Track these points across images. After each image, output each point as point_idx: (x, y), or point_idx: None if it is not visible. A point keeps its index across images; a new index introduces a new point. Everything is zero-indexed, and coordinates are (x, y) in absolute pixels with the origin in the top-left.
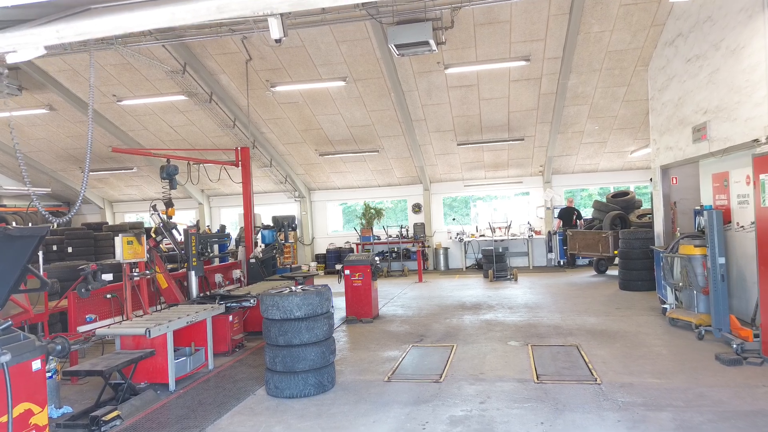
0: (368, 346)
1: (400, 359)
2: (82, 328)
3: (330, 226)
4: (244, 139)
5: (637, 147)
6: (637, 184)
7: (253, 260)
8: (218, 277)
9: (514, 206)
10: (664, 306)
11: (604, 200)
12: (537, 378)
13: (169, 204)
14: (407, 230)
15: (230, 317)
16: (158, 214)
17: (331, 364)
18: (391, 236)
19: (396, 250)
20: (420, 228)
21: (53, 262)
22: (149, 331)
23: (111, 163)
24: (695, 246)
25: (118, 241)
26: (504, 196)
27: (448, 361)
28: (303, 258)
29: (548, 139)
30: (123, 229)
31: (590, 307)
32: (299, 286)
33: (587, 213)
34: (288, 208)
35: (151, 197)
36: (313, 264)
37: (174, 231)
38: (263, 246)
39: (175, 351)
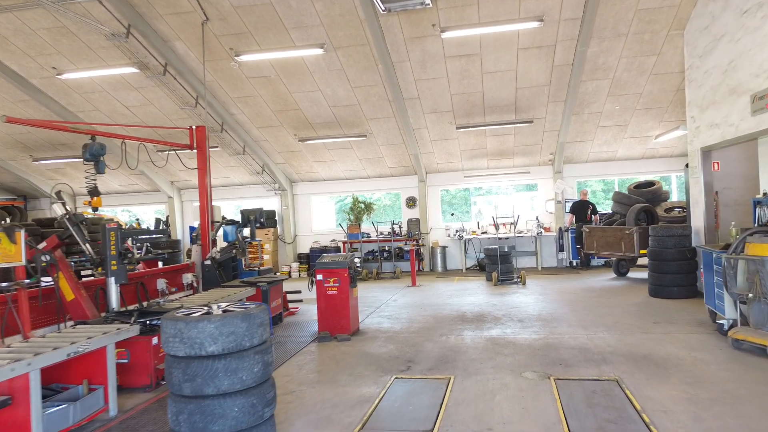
0: (337, 377)
1: (377, 400)
2: None
3: (315, 222)
4: (211, 120)
5: (662, 131)
6: (661, 175)
7: (208, 262)
8: (161, 284)
9: (520, 201)
10: (720, 322)
11: (626, 191)
12: None
13: (94, 192)
14: (400, 226)
15: (154, 339)
16: (62, 204)
17: (267, 420)
18: (382, 233)
19: (387, 249)
20: (414, 224)
21: None
22: None
23: (65, 151)
24: None
25: None
26: (505, 191)
27: (442, 404)
28: (285, 258)
29: (561, 122)
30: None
31: (620, 320)
32: (225, 305)
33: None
34: (268, 202)
35: (116, 190)
36: (295, 264)
37: (82, 225)
38: (226, 244)
39: (59, 392)
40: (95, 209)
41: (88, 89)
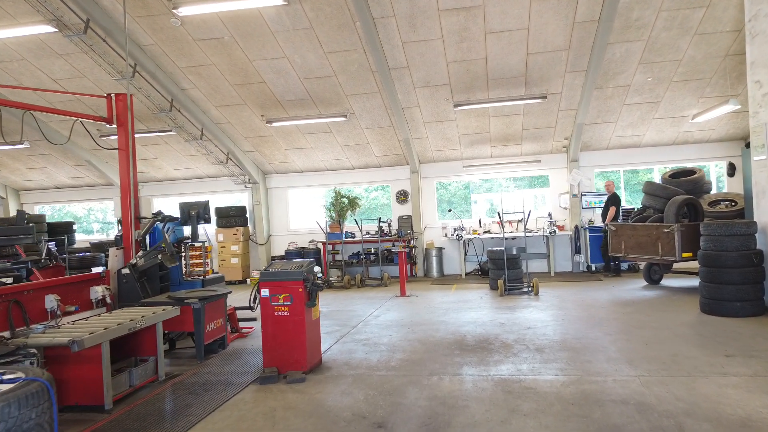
0: None
1: None
2: None
3: (293, 220)
4: (157, 96)
5: (702, 109)
6: (691, 165)
7: (126, 270)
8: (50, 301)
9: (528, 197)
10: None
11: (660, 181)
12: None
13: None
14: (389, 225)
15: None
16: None
17: None
18: (368, 233)
19: (373, 251)
20: (406, 222)
21: None
22: None
23: None
24: None
25: None
26: (506, 188)
27: None
28: (257, 262)
29: (580, 98)
30: (10, 223)
31: (678, 352)
32: None
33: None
34: (239, 197)
35: (64, 183)
36: None
37: None
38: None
39: None
40: None
41: (4, 57)
